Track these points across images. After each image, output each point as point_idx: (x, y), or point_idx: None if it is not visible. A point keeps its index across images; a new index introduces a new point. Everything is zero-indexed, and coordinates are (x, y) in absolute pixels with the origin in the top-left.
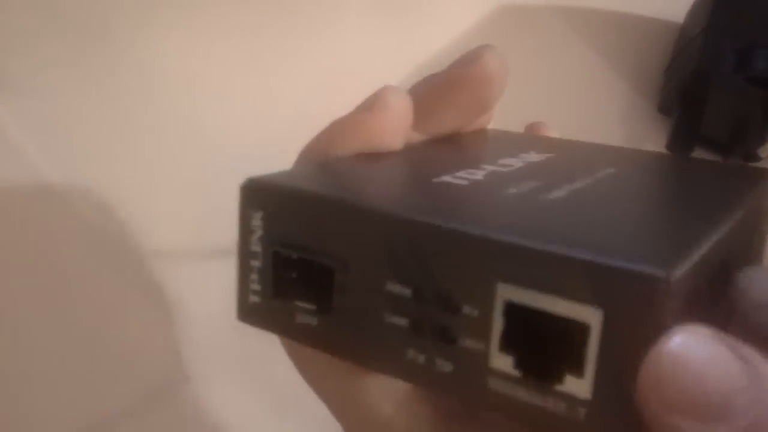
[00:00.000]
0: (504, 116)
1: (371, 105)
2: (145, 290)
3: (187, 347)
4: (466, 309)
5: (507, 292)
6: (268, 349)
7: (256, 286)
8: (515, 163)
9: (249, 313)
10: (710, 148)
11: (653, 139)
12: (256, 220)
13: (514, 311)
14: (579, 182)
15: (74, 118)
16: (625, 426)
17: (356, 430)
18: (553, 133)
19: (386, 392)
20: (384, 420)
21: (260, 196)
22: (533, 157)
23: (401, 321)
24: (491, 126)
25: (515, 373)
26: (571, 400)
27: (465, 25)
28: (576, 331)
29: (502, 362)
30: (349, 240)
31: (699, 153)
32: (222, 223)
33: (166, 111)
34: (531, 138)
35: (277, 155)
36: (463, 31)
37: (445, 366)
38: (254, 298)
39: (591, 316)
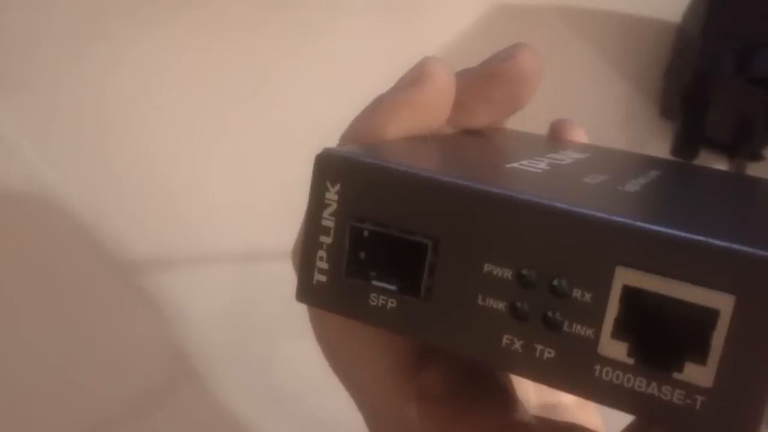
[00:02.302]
0: None
1: (418, 79)
2: (143, 292)
3: (186, 349)
4: (576, 293)
5: (626, 277)
6: (267, 350)
7: (323, 264)
8: (563, 158)
9: (312, 293)
10: (715, 150)
11: (656, 143)
12: (332, 194)
13: (631, 297)
14: (641, 179)
15: (70, 117)
16: (744, 414)
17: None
18: (581, 132)
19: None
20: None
21: (338, 169)
22: (575, 154)
23: (498, 305)
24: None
25: (628, 360)
26: (688, 388)
27: (464, 25)
28: (703, 317)
29: (614, 349)
30: (442, 219)
31: (703, 155)
32: (220, 225)
33: (163, 110)
34: (551, 138)
35: (276, 154)
36: (462, 31)
37: (545, 353)
38: (320, 277)
39: (722, 302)
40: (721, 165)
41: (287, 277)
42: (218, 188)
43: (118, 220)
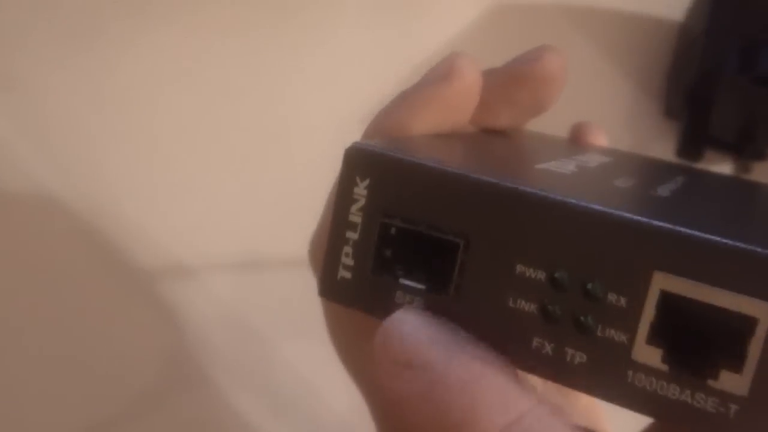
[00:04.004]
0: None
1: (446, 75)
2: (141, 293)
3: (184, 350)
4: (611, 297)
5: (664, 282)
6: (266, 352)
7: (348, 261)
8: (589, 161)
9: (335, 289)
10: (720, 150)
11: (660, 143)
12: (361, 189)
13: (668, 302)
14: (669, 185)
15: (69, 117)
16: None
17: None
18: (601, 134)
19: None
20: None
21: (368, 164)
22: (600, 157)
23: (529, 306)
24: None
25: (662, 367)
26: (723, 396)
27: (465, 23)
28: (740, 325)
29: (648, 355)
30: (474, 217)
31: (708, 155)
32: (220, 225)
33: (161, 111)
34: (572, 140)
35: (276, 155)
36: (463, 29)
37: (577, 357)
38: (345, 273)
39: (760, 309)
40: (726, 164)
41: (286, 278)
42: (217, 189)
43: (116, 222)
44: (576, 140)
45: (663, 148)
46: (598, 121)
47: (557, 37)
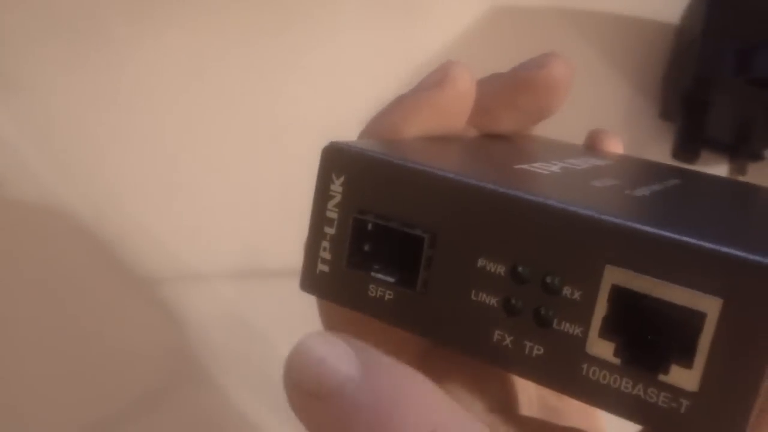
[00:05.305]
0: None
1: (439, 81)
2: (142, 292)
3: (185, 349)
4: (566, 291)
5: (615, 276)
6: (267, 350)
7: (326, 255)
8: (581, 163)
9: (314, 283)
10: (715, 151)
11: (656, 145)
12: (336, 186)
13: (620, 296)
14: (655, 186)
15: (72, 118)
16: (729, 420)
17: None
18: (616, 142)
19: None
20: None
21: (344, 161)
22: (597, 161)
23: (490, 300)
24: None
25: (614, 360)
26: (674, 391)
27: (463, 25)
28: (689, 320)
29: (601, 349)
30: (440, 213)
31: (704, 156)
32: (221, 225)
33: (162, 111)
34: (586, 148)
35: (276, 155)
36: (462, 31)
37: (535, 350)
38: (323, 267)
39: (709, 304)
40: (721, 166)
41: (287, 277)
42: (218, 189)
43: (118, 221)
44: (591, 147)
45: (659, 149)
46: (595, 123)
47: (555, 40)
